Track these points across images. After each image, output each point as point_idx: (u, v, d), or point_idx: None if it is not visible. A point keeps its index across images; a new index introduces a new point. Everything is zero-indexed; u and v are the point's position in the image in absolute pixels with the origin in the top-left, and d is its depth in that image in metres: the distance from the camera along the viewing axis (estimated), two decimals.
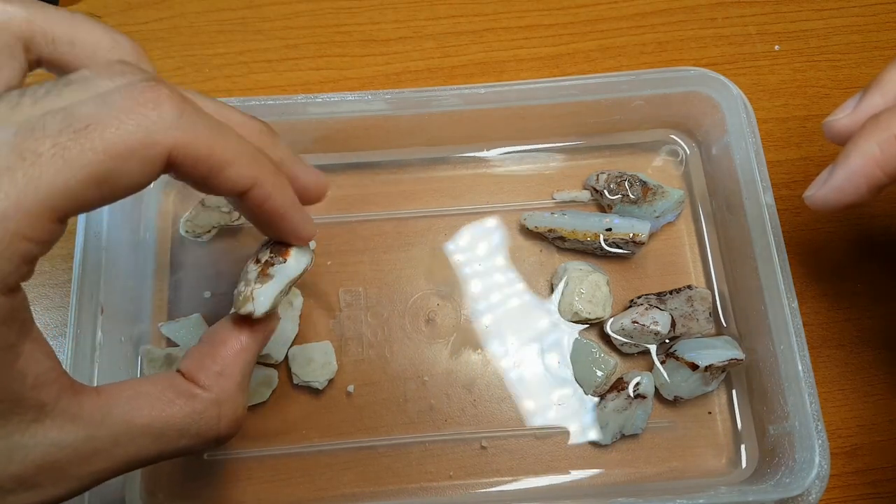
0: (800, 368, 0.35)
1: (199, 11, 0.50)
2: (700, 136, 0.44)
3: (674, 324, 0.39)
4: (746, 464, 0.39)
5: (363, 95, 0.40)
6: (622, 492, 0.38)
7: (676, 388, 0.39)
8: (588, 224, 0.41)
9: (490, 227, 0.43)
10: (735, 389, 0.40)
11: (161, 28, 0.49)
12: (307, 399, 0.40)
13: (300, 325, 0.41)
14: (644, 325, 0.39)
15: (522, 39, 0.49)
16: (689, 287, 0.41)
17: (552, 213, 0.42)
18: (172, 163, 0.23)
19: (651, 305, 0.40)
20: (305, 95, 0.40)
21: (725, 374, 0.40)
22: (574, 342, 0.41)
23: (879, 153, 0.28)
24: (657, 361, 0.40)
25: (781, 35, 0.49)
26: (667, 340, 0.40)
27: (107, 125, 0.21)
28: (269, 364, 0.40)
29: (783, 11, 0.49)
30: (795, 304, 0.37)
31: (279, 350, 0.40)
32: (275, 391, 0.40)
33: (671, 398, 0.39)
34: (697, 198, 0.44)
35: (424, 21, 0.49)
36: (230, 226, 0.43)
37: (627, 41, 0.49)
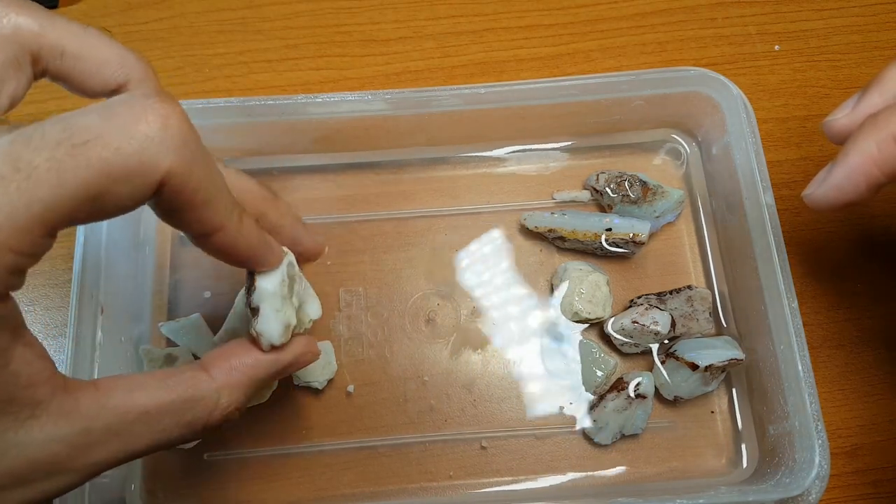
0: (800, 368, 0.35)
1: (199, 11, 0.50)
2: (700, 136, 0.44)
3: (674, 324, 0.39)
4: (746, 464, 0.39)
5: (363, 95, 0.40)
6: (622, 492, 0.38)
7: (676, 388, 0.39)
8: (588, 224, 0.41)
9: (490, 227, 0.43)
10: (735, 389, 0.40)
11: (161, 28, 0.49)
12: (307, 399, 0.40)
13: None
14: (644, 325, 0.39)
15: (522, 39, 0.49)
16: (689, 287, 0.41)
17: (552, 213, 0.42)
18: (160, 187, 0.22)
19: (651, 305, 0.40)
20: (305, 95, 0.40)
21: (725, 374, 0.40)
22: (574, 343, 0.41)
23: (877, 152, 0.28)
24: (657, 361, 0.40)
25: (781, 35, 0.49)
26: (667, 340, 0.40)
27: (107, 143, 0.21)
28: None
29: (783, 11, 0.49)
30: (795, 304, 0.37)
31: None
32: (275, 391, 0.40)
33: (671, 398, 0.39)
34: (697, 198, 0.44)
35: (424, 21, 0.49)
36: None
37: (627, 41, 0.49)
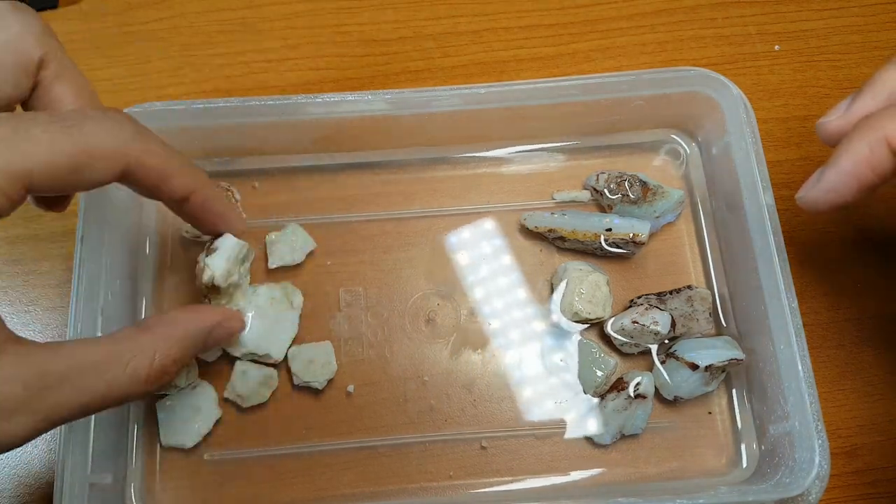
0: (800, 368, 0.35)
1: (199, 11, 0.50)
2: (700, 136, 0.44)
3: (674, 324, 0.39)
4: (746, 464, 0.39)
5: (363, 95, 0.40)
6: (622, 492, 0.38)
7: (676, 388, 0.39)
8: (588, 224, 0.41)
9: (490, 227, 0.43)
10: (735, 389, 0.40)
11: (161, 28, 0.49)
12: (307, 399, 0.40)
13: (300, 325, 0.40)
14: (644, 325, 0.39)
15: (522, 39, 0.49)
16: (689, 287, 0.41)
17: (552, 213, 0.42)
18: (130, 170, 0.29)
19: (651, 305, 0.40)
20: (305, 95, 0.40)
21: (725, 374, 0.40)
22: (574, 343, 0.41)
23: (869, 154, 0.28)
24: (657, 361, 0.40)
25: (781, 35, 0.49)
26: (667, 340, 0.40)
27: (87, 131, 0.27)
28: (269, 364, 0.40)
29: (783, 11, 0.49)
30: (795, 304, 0.36)
31: (279, 350, 0.40)
32: (275, 391, 0.40)
33: (671, 398, 0.39)
34: (697, 198, 0.44)
35: (424, 21, 0.49)
36: None
37: (627, 41, 0.49)
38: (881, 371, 0.41)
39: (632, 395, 0.38)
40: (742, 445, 0.39)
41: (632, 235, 0.41)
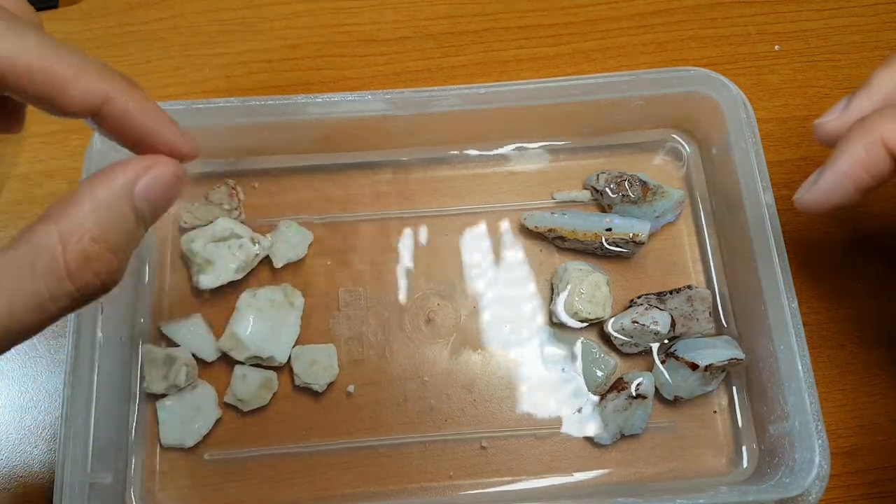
0: (800, 368, 0.35)
1: (199, 11, 0.50)
2: (700, 136, 0.44)
3: (674, 324, 0.39)
4: (746, 464, 0.39)
5: (363, 95, 0.40)
6: (622, 492, 0.38)
7: (676, 388, 0.39)
8: (588, 224, 0.41)
9: (490, 227, 0.43)
10: (735, 389, 0.40)
11: (161, 28, 0.49)
12: (307, 399, 0.40)
13: (300, 326, 0.40)
14: (644, 325, 0.39)
15: (522, 39, 0.49)
16: (689, 287, 0.41)
17: (552, 213, 0.42)
18: (3, 79, 0.23)
19: (651, 305, 0.40)
20: (305, 95, 0.40)
21: (725, 374, 0.40)
22: (575, 343, 0.41)
23: (866, 156, 0.28)
24: (657, 361, 0.40)
25: (781, 35, 0.49)
26: (667, 340, 0.40)
27: None
28: (272, 367, 0.40)
29: (783, 11, 0.49)
30: (795, 304, 0.36)
31: (282, 352, 0.40)
32: (275, 393, 0.40)
33: (671, 398, 0.39)
34: (697, 198, 0.44)
35: (424, 21, 0.49)
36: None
37: (627, 41, 0.49)
38: (881, 371, 0.41)
39: (632, 395, 0.38)
40: (742, 445, 0.39)
41: (632, 235, 0.41)
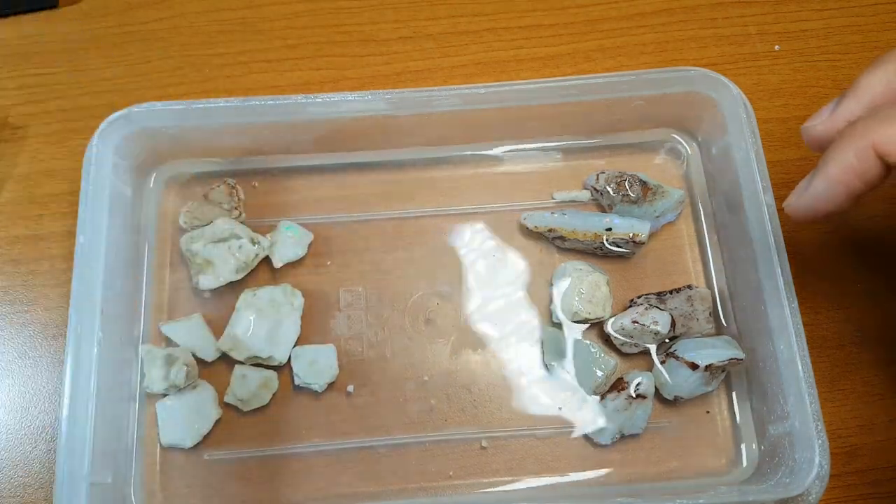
0: (800, 368, 0.35)
1: (199, 11, 0.50)
2: (700, 136, 0.44)
3: (674, 324, 0.39)
4: (746, 464, 0.39)
5: (363, 95, 0.40)
6: (622, 492, 0.38)
7: (676, 388, 0.39)
8: (588, 224, 0.41)
9: (490, 227, 0.43)
10: (735, 389, 0.40)
11: (161, 28, 0.49)
12: (307, 399, 0.40)
13: (300, 326, 0.40)
14: (644, 325, 0.39)
15: (522, 39, 0.49)
16: (689, 287, 0.41)
17: (552, 213, 0.42)
18: None
19: (651, 305, 0.40)
20: (305, 95, 0.40)
21: (725, 374, 0.40)
22: (574, 342, 0.41)
23: (857, 162, 0.27)
24: (657, 361, 0.40)
25: (781, 35, 0.49)
26: (667, 340, 0.40)
27: None
28: (272, 367, 0.40)
29: (783, 11, 0.49)
30: (795, 304, 0.36)
31: (283, 352, 0.40)
32: (275, 393, 0.40)
33: (671, 398, 0.39)
34: (697, 198, 0.44)
35: (424, 21, 0.49)
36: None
37: (627, 41, 0.49)
38: (881, 371, 0.41)
39: (632, 395, 0.38)
40: (742, 445, 0.39)
41: (632, 235, 0.41)
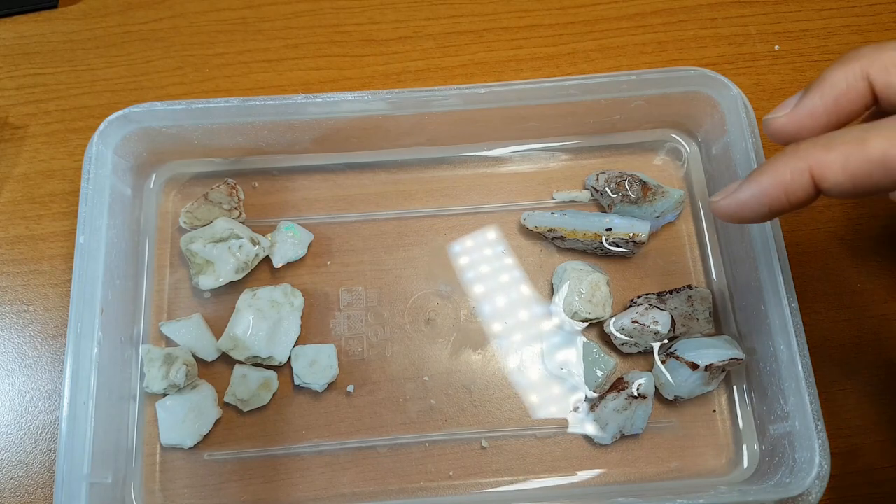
0: (800, 368, 0.35)
1: (199, 11, 0.50)
2: (700, 136, 0.44)
3: (674, 324, 0.39)
4: (746, 464, 0.39)
5: (363, 95, 0.40)
6: (622, 492, 0.38)
7: (676, 388, 0.39)
8: (588, 224, 0.41)
9: (490, 227, 0.43)
10: (735, 389, 0.40)
11: (161, 28, 0.49)
12: (307, 399, 0.40)
13: (301, 326, 0.40)
14: (644, 325, 0.39)
15: (522, 39, 0.49)
16: (689, 287, 0.41)
17: (552, 213, 0.42)
18: None
19: (651, 305, 0.40)
20: (305, 95, 0.40)
21: (725, 374, 0.40)
22: (574, 343, 0.41)
23: (790, 180, 0.27)
24: (657, 361, 0.40)
25: (781, 35, 0.49)
26: (667, 340, 0.40)
27: None
28: (272, 367, 0.40)
29: (783, 11, 0.49)
30: (795, 304, 0.36)
31: (283, 352, 0.40)
32: (275, 393, 0.40)
33: (671, 398, 0.39)
34: (697, 198, 0.44)
35: (424, 21, 0.49)
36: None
37: (627, 41, 0.49)
38: (881, 371, 0.41)
39: (632, 395, 0.38)
40: (742, 445, 0.39)
41: (632, 235, 0.41)
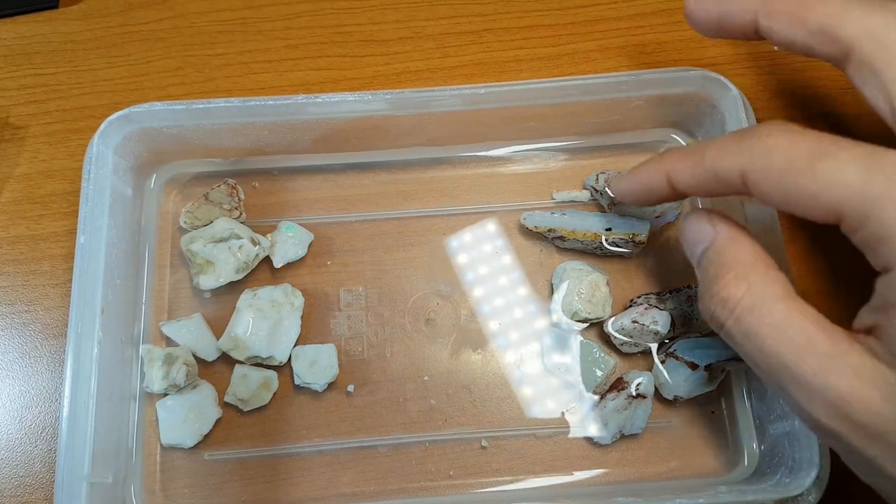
0: None
1: (200, 12, 0.50)
2: (700, 136, 0.44)
3: (674, 323, 0.39)
4: (747, 464, 0.39)
5: (363, 95, 0.40)
6: (622, 492, 0.38)
7: (676, 388, 0.39)
8: (588, 224, 0.41)
9: (490, 227, 0.44)
10: (735, 389, 0.40)
11: (161, 28, 0.49)
12: (307, 399, 0.40)
13: (300, 326, 0.40)
14: (644, 325, 0.39)
15: (522, 39, 0.49)
16: (689, 287, 0.41)
17: (552, 213, 0.42)
18: None
19: (651, 305, 0.40)
20: (305, 95, 0.40)
21: (725, 374, 0.40)
22: (574, 342, 0.41)
23: (655, 178, 0.33)
24: (657, 361, 0.40)
25: None
26: (666, 340, 0.40)
27: None
28: (272, 367, 0.40)
29: None
30: None
31: (283, 352, 0.40)
32: (275, 393, 0.40)
33: (671, 398, 0.39)
34: (697, 198, 0.44)
35: (424, 21, 0.49)
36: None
37: (627, 41, 0.49)
38: None
39: (632, 395, 0.38)
40: (742, 445, 0.39)
41: (632, 235, 0.41)
